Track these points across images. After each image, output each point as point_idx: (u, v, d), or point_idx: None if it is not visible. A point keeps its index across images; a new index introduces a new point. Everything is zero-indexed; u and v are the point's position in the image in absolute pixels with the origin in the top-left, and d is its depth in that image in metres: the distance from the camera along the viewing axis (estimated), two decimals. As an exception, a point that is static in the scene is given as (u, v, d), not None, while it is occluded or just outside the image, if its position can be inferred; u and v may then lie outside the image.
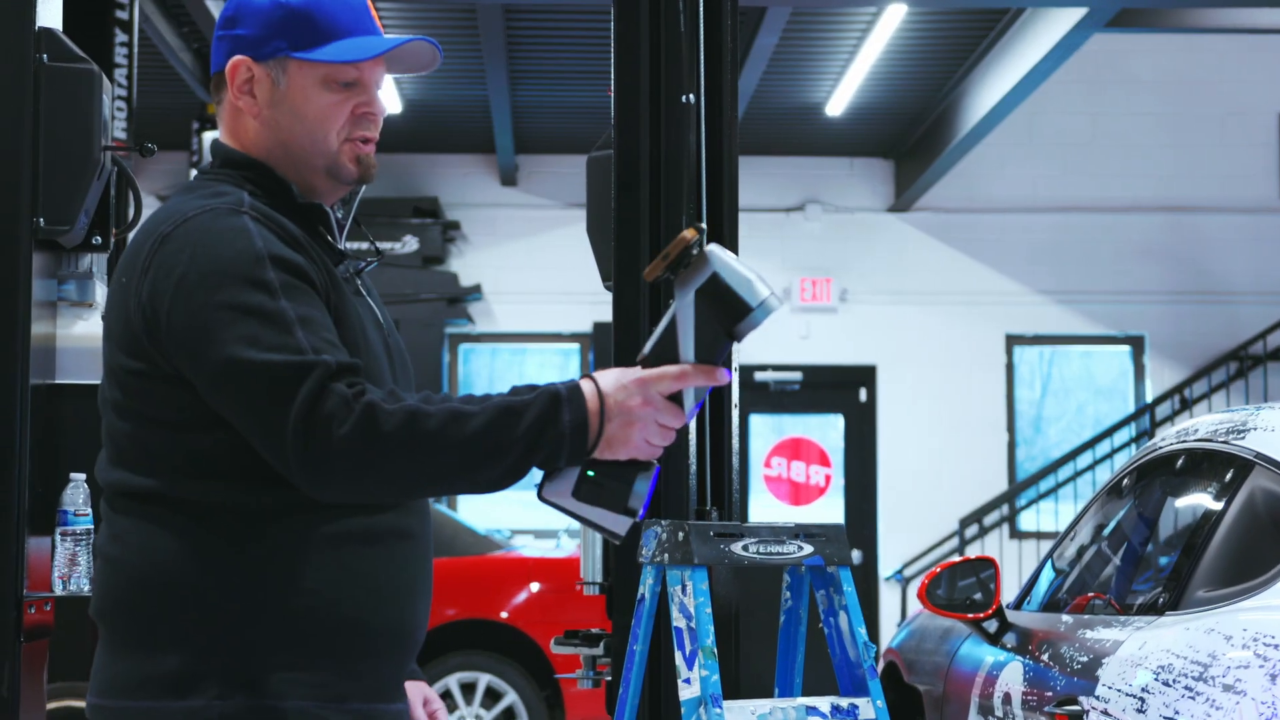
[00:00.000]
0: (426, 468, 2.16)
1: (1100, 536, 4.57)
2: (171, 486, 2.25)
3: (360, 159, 2.41)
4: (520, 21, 9.78)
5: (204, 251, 2.23)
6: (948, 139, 11.63)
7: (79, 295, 3.94)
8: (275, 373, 2.15)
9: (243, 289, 2.20)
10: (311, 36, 2.35)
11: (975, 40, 10.47)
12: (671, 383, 2.21)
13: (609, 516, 2.23)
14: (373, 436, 2.12)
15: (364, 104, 2.39)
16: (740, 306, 2.21)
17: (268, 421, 2.15)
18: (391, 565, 2.32)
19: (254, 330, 2.17)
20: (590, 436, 2.18)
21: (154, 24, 9.23)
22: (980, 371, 13.05)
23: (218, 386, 2.20)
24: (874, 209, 13.17)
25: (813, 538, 3.69)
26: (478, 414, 2.15)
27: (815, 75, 11.10)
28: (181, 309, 2.20)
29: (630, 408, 2.18)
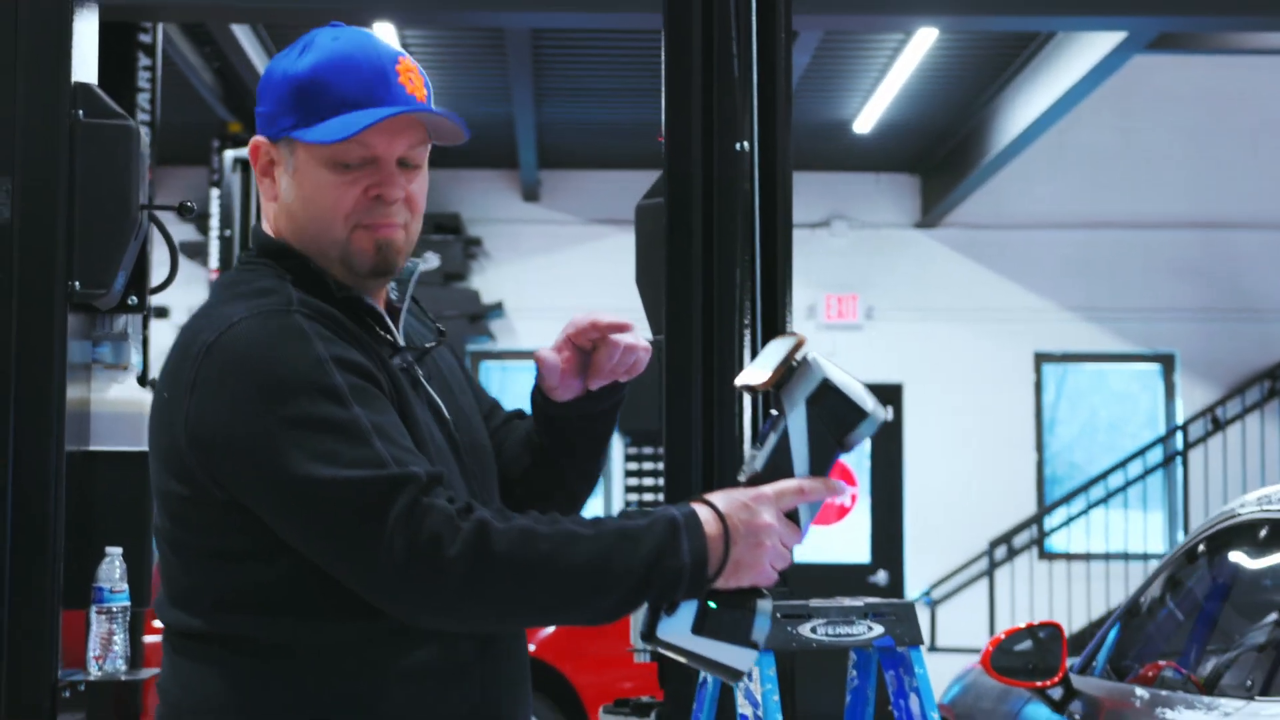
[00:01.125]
0: (538, 595, 1.97)
1: (1172, 602, 4.41)
2: (232, 625, 2.05)
3: (379, 245, 2.13)
4: (548, 41, 9.63)
5: (259, 361, 2.01)
6: (977, 156, 11.46)
7: (114, 358, 3.79)
8: (361, 490, 1.94)
9: (310, 400, 1.98)
10: (315, 112, 2.09)
11: (1007, 59, 10.31)
12: (794, 498, 2.03)
13: (732, 651, 2.03)
14: (486, 558, 1.93)
15: (375, 185, 2.11)
16: (853, 413, 2.10)
17: (357, 545, 1.94)
18: (477, 697, 2.13)
19: (329, 445, 1.95)
20: (711, 566, 1.98)
21: (175, 44, 9.08)
22: (1008, 390, 12.87)
23: (291, 512, 1.98)
24: (900, 225, 12.99)
25: (882, 617, 3.54)
26: (592, 538, 1.97)
27: (845, 93, 10.94)
28: (242, 429, 1.98)
29: (757, 528, 1.99)
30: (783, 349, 2.11)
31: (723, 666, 2.03)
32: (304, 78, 2.10)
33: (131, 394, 3.79)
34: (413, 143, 2.13)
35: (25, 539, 3.43)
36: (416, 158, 2.15)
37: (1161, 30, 8.39)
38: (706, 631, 2.01)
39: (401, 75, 2.11)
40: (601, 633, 7.61)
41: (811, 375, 2.10)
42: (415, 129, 2.13)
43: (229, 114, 10.61)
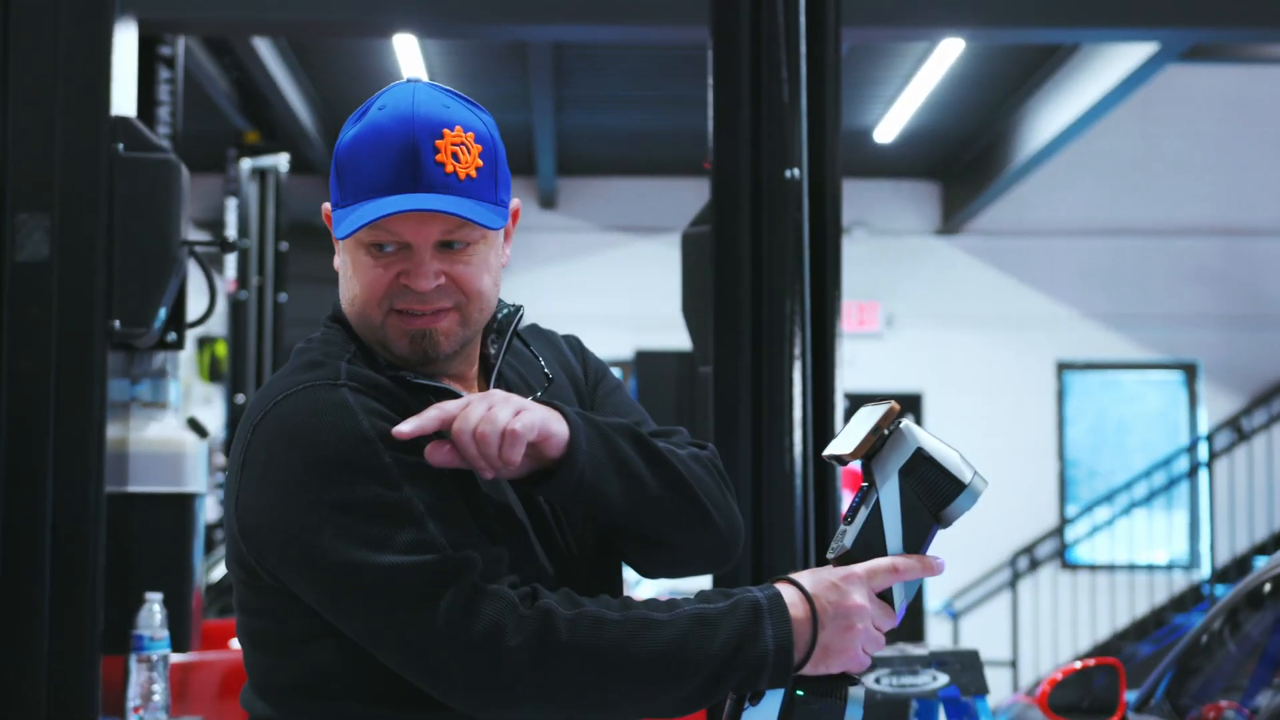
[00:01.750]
0: (608, 687, 1.82)
1: (1233, 640, 4.29)
2: (300, 713, 1.94)
3: (413, 336, 1.98)
4: (569, 51, 9.54)
5: (302, 441, 1.88)
6: (1000, 164, 11.35)
7: (153, 395, 3.70)
8: (413, 577, 1.81)
9: (355, 481, 1.84)
10: (347, 193, 1.96)
11: (1032, 68, 10.20)
12: (887, 577, 1.90)
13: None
14: (551, 648, 1.79)
15: (405, 273, 1.95)
16: (950, 485, 1.95)
17: (409, 636, 1.81)
18: None
19: (378, 530, 1.83)
20: (798, 652, 1.84)
21: (193, 53, 8.97)
22: (1030, 398, 12.77)
23: (341, 602, 1.86)
24: (921, 232, 12.89)
25: (946, 666, 3.43)
26: (666, 624, 1.82)
27: (867, 101, 10.83)
28: (285, 516, 1.86)
29: (847, 609, 1.86)
30: (873, 417, 1.95)
31: None
32: (341, 155, 1.98)
33: (171, 433, 3.69)
34: (450, 226, 1.94)
35: (64, 583, 3.34)
36: (465, 237, 1.96)
37: (1194, 42, 8.27)
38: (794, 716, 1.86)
39: (441, 152, 1.94)
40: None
41: (905, 445, 1.94)
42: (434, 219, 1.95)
43: (246, 123, 10.50)
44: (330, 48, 9.83)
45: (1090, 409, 13.19)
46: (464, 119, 1.96)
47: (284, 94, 9.76)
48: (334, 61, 10.03)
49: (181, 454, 3.66)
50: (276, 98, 9.79)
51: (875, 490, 1.94)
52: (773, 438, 4.17)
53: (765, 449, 4.17)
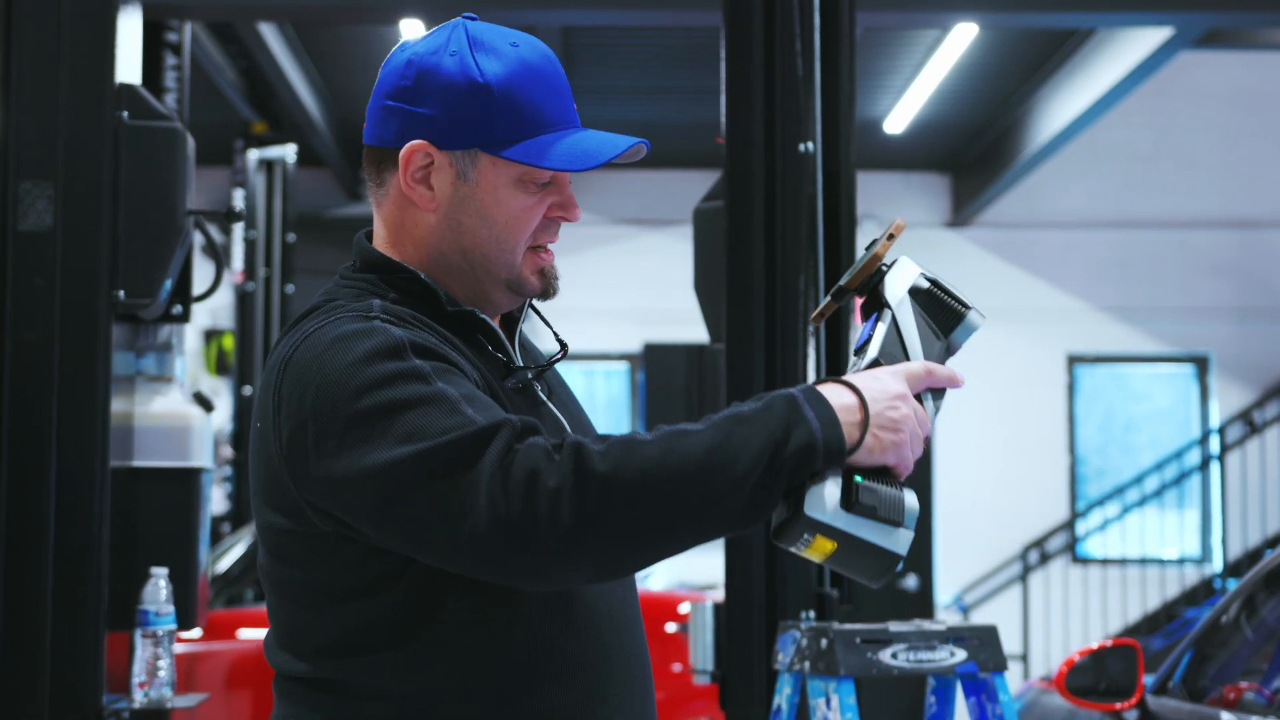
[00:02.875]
0: (658, 506, 1.72)
1: (1251, 624, 4.24)
2: (337, 670, 1.87)
3: (543, 271, 1.99)
4: (579, 40, 9.48)
5: (334, 361, 1.83)
6: (1011, 155, 11.28)
7: (158, 369, 3.64)
8: (451, 453, 1.73)
9: (389, 385, 1.79)
10: (514, 129, 1.92)
11: (1044, 57, 10.13)
12: (921, 379, 1.83)
13: (888, 533, 1.74)
14: (591, 479, 1.71)
15: (559, 205, 1.97)
16: (957, 305, 1.92)
17: (453, 508, 1.72)
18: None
19: (414, 423, 1.76)
20: (848, 435, 1.74)
21: (200, 42, 8.93)
22: (1040, 391, 12.70)
23: (386, 508, 1.77)
24: (931, 224, 12.82)
25: (963, 641, 3.37)
26: (703, 430, 1.74)
27: (877, 91, 10.77)
28: (328, 437, 1.79)
29: (892, 394, 1.78)
30: (873, 248, 1.95)
31: (880, 551, 1.75)
32: (499, 89, 1.92)
33: (176, 407, 3.63)
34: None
35: (68, 559, 3.29)
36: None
37: (1210, 26, 8.21)
38: (860, 508, 1.74)
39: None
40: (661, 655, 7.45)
41: (909, 269, 1.94)
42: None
43: (253, 113, 10.46)
44: (337, 37, 9.78)
45: (1101, 402, 13.12)
46: None
47: (291, 84, 9.71)
48: (341, 51, 9.98)
49: (187, 428, 3.61)
50: (284, 87, 9.74)
51: (890, 310, 1.91)
52: (786, 415, 4.11)
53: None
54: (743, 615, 4.07)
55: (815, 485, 1.73)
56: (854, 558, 1.76)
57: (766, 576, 4.09)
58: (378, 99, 1.98)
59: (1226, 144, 12.49)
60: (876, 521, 1.74)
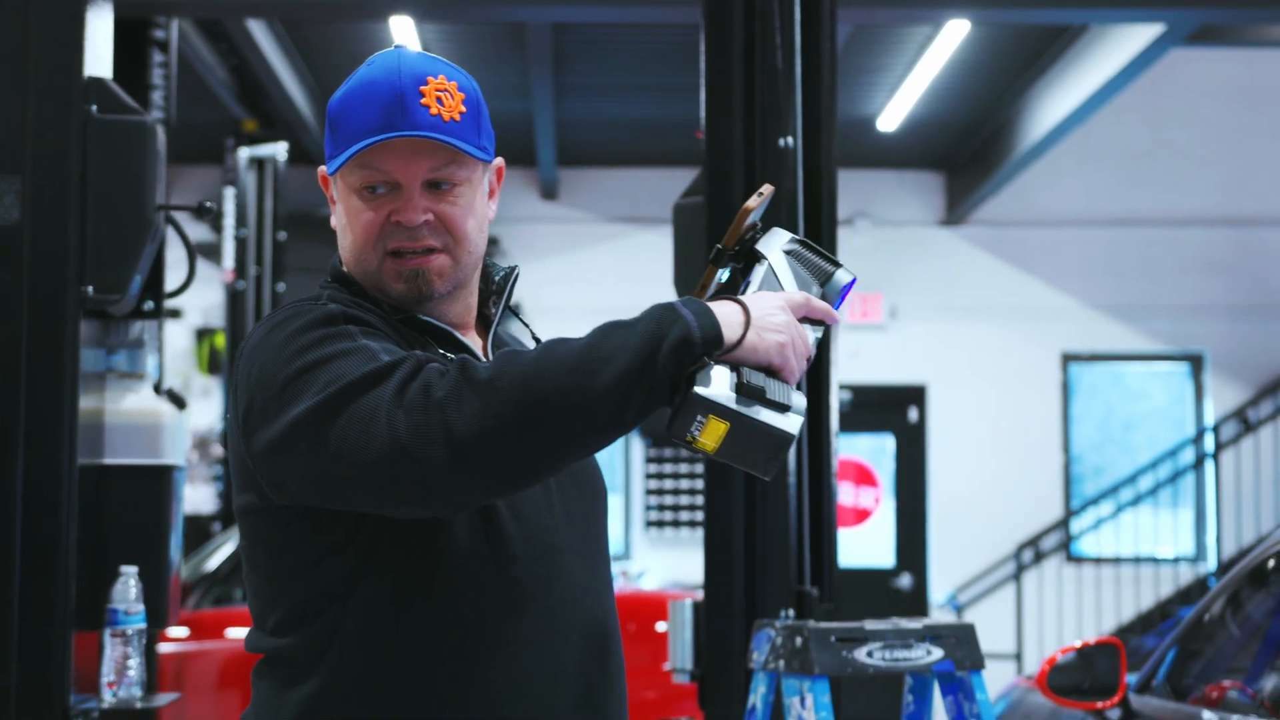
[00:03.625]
0: (542, 405, 1.79)
1: (1235, 621, 4.20)
2: (287, 647, 2.00)
3: (406, 275, 2.07)
4: (569, 37, 9.44)
5: (275, 338, 1.97)
6: (1004, 153, 11.25)
7: (129, 366, 3.60)
8: (358, 388, 1.85)
9: (318, 345, 1.92)
10: (340, 142, 2.05)
11: (1037, 54, 10.10)
12: (801, 306, 1.91)
13: (777, 415, 1.80)
14: (473, 385, 1.81)
15: (396, 210, 2.05)
16: (827, 263, 2.01)
17: (360, 437, 1.82)
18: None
19: (336, 371, 1.88)
20: (727, 330, 1.83)
21: (190, 40, 8.89)
22: (1035, 390, 12.66)
23: (311, 453, 1.87)
24: (925, 223, 12.78)
25: (941, 640, 3.34)
26: (582, 336, 1.85)
27: (869, 89, 10.74)
28: (270, 402, 1.92)
29: (771, 303, 1.88)
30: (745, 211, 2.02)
31: (771, 430, 1.80)
32: (333, 110, 2.08)
33: (148, 404, 3.60)
34: (436, 164, 2.05)
35: (35, 557, 3.25)
36: (451, 177, 2.07)
37: (1202, 22, 8.17)
38: (749, 389, 1.80)
39: (426, 96, 2.04)
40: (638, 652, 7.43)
41: (780, 233, 2.04)
42: (441, 150, 2.05)
43: (244, 111, 10.42)
44: (327, 35, 9.74)
45: (1096, 400, 13.09)
46: (447, 71, 2.08)
47: (281, 82, 9.68)
48: (331, 49, 9.94)
49: (159, 425, 3.58)
50: (274, 86, 9.71)
51: (765, 260, 1.99)
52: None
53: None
54: (722, 614, 4.04)
55: (704, 374, 1.80)
56: (746, 439, 1.80)
57: (746, 575, 4.06)
58: None
59: (1221, 141, 12.45)
60: (766, 405, 1.80)
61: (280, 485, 1.94)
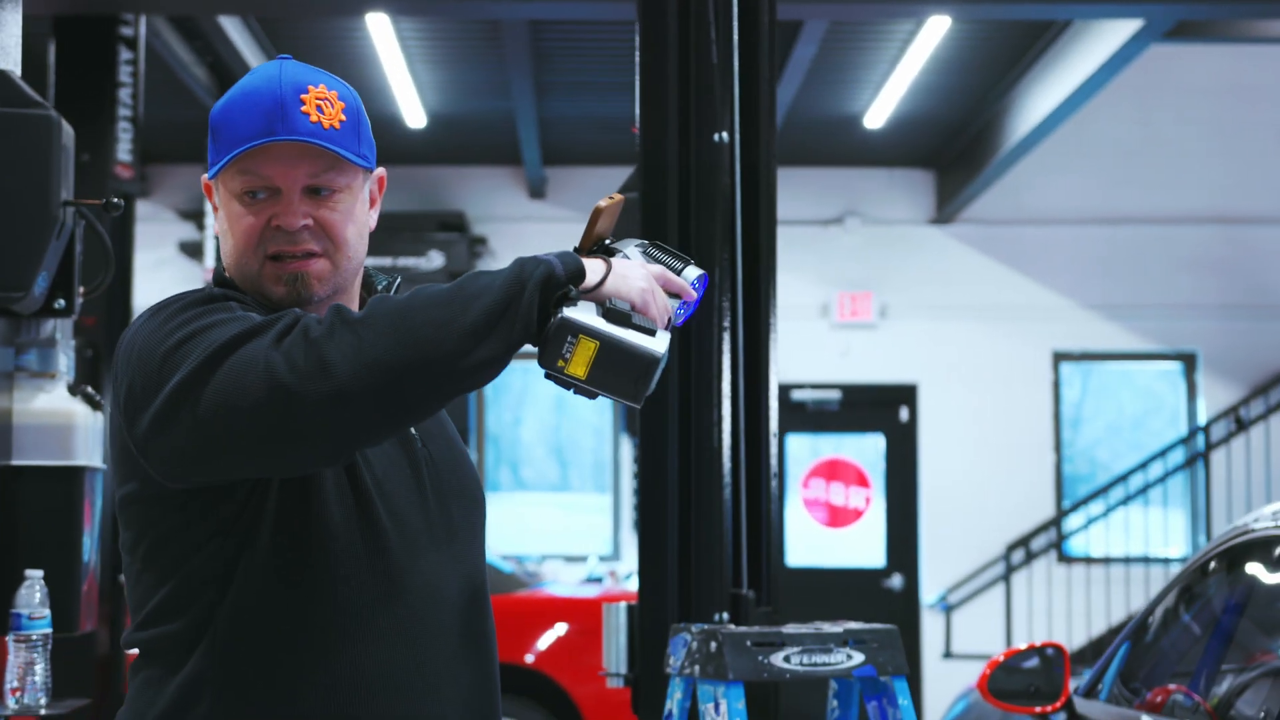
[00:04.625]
0: (411, 336, 1.86)
1: (1185, 620, 4.12)
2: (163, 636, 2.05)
3: (287, 279, 2.12)
4: (547, 34, 9.37)
5: (149, 322, 2.03)
6: (992, 150, 11.17)
7: (40, 365, 3.54)
8: (236, 341, 1.90)
9: (196, 318, 1.97)
10: (221, 150, 2.10)
11: (1022, 50, 10.01)
12: (659, 277, 2.03)
13: (643, 337, 1.90)
14: (346, 325, 1.89)
15: (275, 215, 2.10)
16: (677, 259, 2.09)
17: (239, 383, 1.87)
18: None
19: (215, 336, 1.93)
20: (589, 272, 1.95)
21: (164, 39, 8.84)
22: (1026, 389, 12.57)
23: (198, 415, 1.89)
24: (915, 221, 12.69)
25: (863, 644, 3.27)
26: (448, 282, 1.96)
27: (854, 86, 10.66)
28: (149, 379, 1.95)
29: (630, 264, 2.00)
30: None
31: (638, 350, 1.89)
32: (215, 118, 2.13)
33: (59, 404, 3.53)
34: (316, 170, 2.11)
35: (-65, 562, 3.18)
36: (331, 183, 2.13)
37: (1179, 18, 8.08)
38: (615, 315, 1.90)
39: (306, 104, 2.10)
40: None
41: (632, 240, 2.11)
42: (321, 156, 2.11)
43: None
44: (303, 32, 9.68)
45: (1087, 400, 12.99)
46: (327, 81, 2.16)
47: (258, 79, 9.61)
48: (308, 46, 9.88)
49: (70, 425, 3.51)
50: (251, 83, 9.64)
51: (622, 253, 2.05)
52: (700, 407, 4.01)
53: (693, 418, 4.02)
54: (655, 617, 3.97)
55: (570, 306, 1.89)
56: (614, 360, 1.88)
57: (680, 578, 3.99)
58: None
59: (1212, 138, 12.35)
60: (632, 328, 1.89)
61: (167, 464, 1.95)
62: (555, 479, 13.00)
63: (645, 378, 1.89)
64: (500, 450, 13.08)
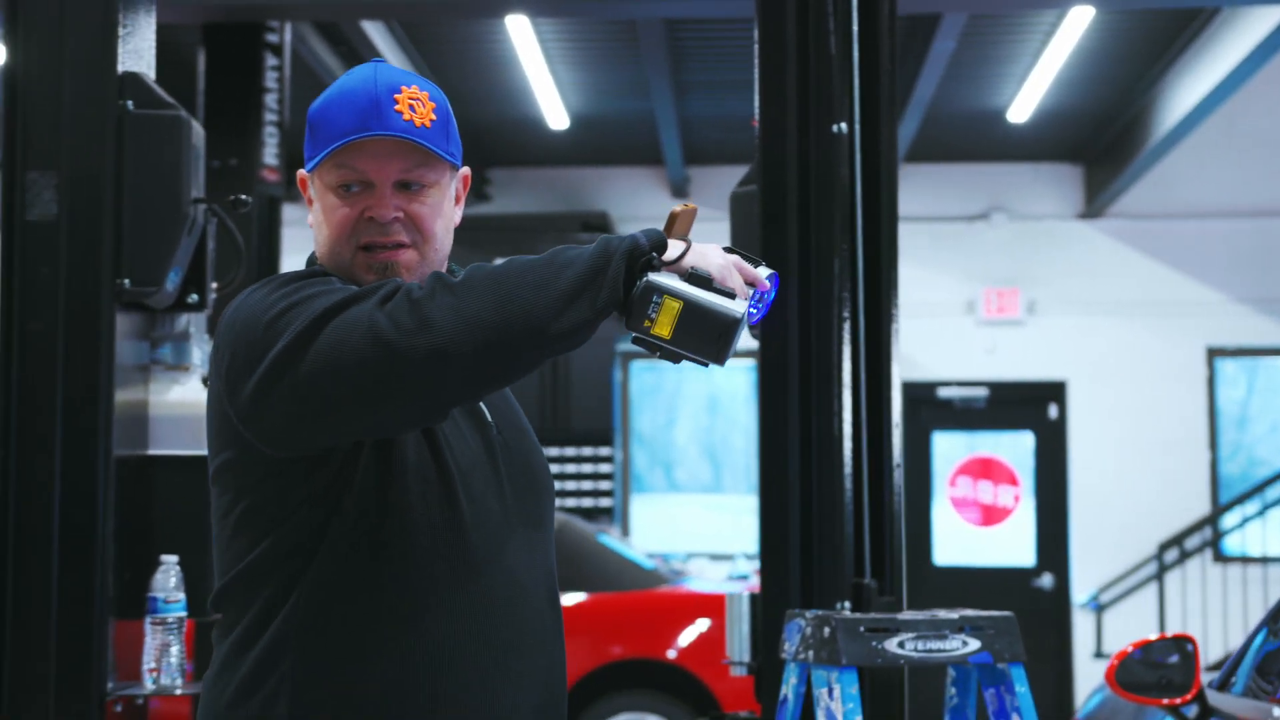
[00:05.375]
0: (509, 294, 1.98)
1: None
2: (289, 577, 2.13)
3: (377, 268, 2.22)
4: (684, 34, 9.41)
5: (252, 298, 2.13)
6: (1141, 142, 10.99)
7: (175, 358, 3.66)
8: (337, 308, 2.01)
9: (296, 291, 2.08)
10: (319, 144, 2.21)
11: (1169, 40, 9.85)
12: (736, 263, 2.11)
13: (723, 300, 2.01)
14: (447, 285, 2.00)
15: (368, 207, 2.20)
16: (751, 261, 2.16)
17: (342, 343, 1.97)
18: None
19: (317, 304, 2.03)
20: (672, 246, 2.05)
21: (310, 44, 9.03)
22: (1179, 386, 12.35)
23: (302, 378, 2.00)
24: (1062, 216, 12.53)
25: (979, 631, 3.26)
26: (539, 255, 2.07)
27: (997, 79, 10.55)
28: (255, 347, 2.06)
29: (707, 246, 2.11)
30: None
31: (719, 311, 1.99)
32: (313, 114, 2.23)
33: (193, 396, 3.65)
34: (408, 165, 2.20)
35: (72, 548, 3.31)
36: (421, 178, 2.22)
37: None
38: (697, 279, 2.01)
39: (400, 104, 2.19)
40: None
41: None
42: (413, 152, 2.21)
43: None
44: (445, 35, 9.83)
45: (1254, 398, 12.72)
46: (420, 83, 2.26)
47: (403, 83, 9.75)
48: (450, 49, 10.03)
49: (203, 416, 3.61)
50: (396, 87, 9.79)
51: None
52: (820, 399, 4.02)
53: (814, 411, 4.03)
54: (777, 606, 3.99)
55: (655, 272, 2.01)
56: (696, 320, 1.99)
57: (802, 567, 4.00)
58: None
59: (1372, 127, 12.04)
60: (713, 291, 2.00)
61: (270, 429, 2.05)
62: (708, 480, 13.02)
63: (726, 337, 1.98)
64: (654, 452, 13.13)
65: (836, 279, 4.03)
